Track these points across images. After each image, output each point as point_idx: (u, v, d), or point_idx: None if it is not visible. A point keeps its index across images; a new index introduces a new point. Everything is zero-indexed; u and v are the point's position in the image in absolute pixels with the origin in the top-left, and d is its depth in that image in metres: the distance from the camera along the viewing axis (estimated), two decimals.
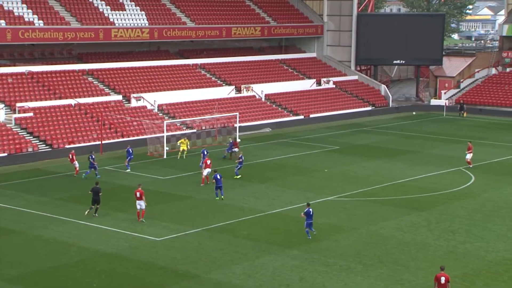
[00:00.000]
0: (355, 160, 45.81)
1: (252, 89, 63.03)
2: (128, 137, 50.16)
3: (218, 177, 35.52)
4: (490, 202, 35.97)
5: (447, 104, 69.46)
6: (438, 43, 72.93)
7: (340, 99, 67.80)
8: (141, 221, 31.55)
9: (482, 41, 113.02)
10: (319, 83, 69.53)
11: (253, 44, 73.01)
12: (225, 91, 61.55)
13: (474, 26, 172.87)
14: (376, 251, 28.13)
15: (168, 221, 31.96)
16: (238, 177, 39.85)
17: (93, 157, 40.23)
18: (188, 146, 46.56)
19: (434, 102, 71.89)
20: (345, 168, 43.12)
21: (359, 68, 76.24)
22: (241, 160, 40.73)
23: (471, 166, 43.29)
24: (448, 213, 33.67)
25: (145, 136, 49.48)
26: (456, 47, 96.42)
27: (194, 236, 29.85)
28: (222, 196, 35.54)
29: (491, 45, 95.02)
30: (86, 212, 32.53)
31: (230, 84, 63.11)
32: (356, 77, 73.06)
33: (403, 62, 74.43)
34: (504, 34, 76.67)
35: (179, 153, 45.94)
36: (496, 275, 25.83)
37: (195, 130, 53.41)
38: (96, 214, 32.42)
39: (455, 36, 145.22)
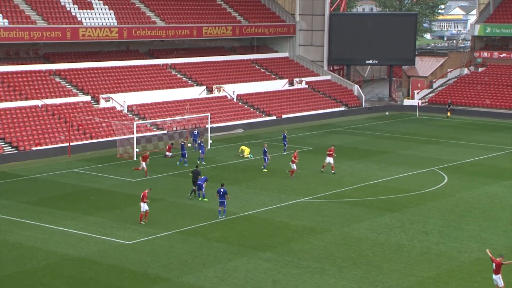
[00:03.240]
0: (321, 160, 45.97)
1: (223, 90, 62.94)
2: (97, 138, 49.74)
3: (201, 177, 35.96)
4: (463, 202, 36.37)
5: (420, 104, 70.13)
6: (410, 43, 73.57)
7: (312, 99, 68.03)
8: (142, 222, 31.68)
9: (454, 41, 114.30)
10: (291, 83, 69.69)
11: (225, 43, 72.92)
12: (196, 92, 61.36)
13: (446, 26, 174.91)
14: (349, 253, 28.26)
15: (138, 224, 31.75)
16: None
17: (183, 144, 44.79)
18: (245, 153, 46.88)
19: (407, 102, 72.52)
20: (318, 169, 43.25)
21: (331, 68, 76.57)
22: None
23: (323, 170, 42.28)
24: (421, 214, 33.97)
25: (114, 138, 49.10)
26: (429, 47, 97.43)
27: (165, 239, 29.70)
28: (205, 198, 35.71)
29: (463, 45, 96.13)
30: (190, 194, 36.03)
31: (201, 85, 62.94)
32: (328, 77, 73.37)
33: (376, 62, 74.96)
34: (476, 34, 77.64)
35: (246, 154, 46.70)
36: (469, 276, 26.11)
37: (165, 131, 53.16)
38: (206, 199, 35.46)
39: (428, 36, 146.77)
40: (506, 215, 34.13)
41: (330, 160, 42.17)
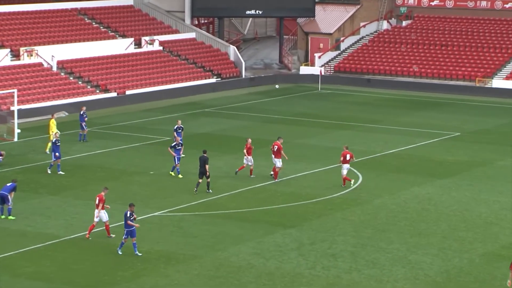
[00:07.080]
0: (194, 156, 46.09)
1: (37, 54, 62.04)
2: None
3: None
4: (384, 211, 37.40)
5: (322, 73, 71.57)
6: None
7: (170, 67, 68.10)
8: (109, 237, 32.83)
9: None
10: (138, 44, 69.45)
11: None
12: None
13: None
14: None
15: None
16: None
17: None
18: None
19: (304, 70, 73.93)
20: (179, 168, 43.25)
21: (197, 22, 76.79)
22: None
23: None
24: (327, 230, 34.66)
25: None
26: None
27: None
28: (9, 216, 35.22)
29: None
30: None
31: (2, 47, 61.63)
32: (193, 35, 73.63)
33: (260, 13, 75.79)
34: None
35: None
36: None
37: None
38: (210, 190, 39.12)
39: None
40: (442, 228, 35.38)
41: (249, 160, 42.05)
